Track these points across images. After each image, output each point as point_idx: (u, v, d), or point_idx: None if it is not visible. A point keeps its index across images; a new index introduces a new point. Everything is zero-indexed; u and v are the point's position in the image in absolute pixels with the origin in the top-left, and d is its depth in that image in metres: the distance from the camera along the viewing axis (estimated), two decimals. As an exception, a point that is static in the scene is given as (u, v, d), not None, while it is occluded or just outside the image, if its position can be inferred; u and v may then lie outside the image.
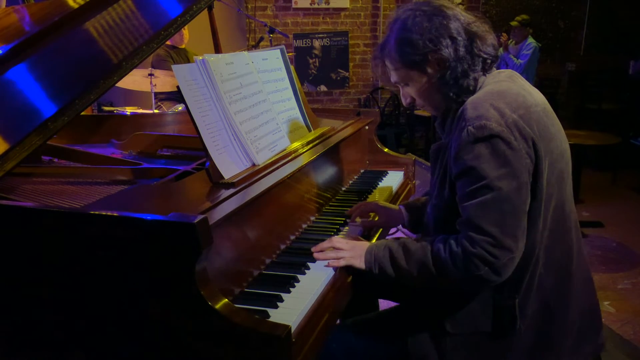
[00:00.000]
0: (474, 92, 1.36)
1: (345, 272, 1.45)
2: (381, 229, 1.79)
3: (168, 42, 4.53)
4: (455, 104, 1.38)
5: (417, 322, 1.44)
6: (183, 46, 4.73)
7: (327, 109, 2.79)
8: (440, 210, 1.42)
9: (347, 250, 1.45)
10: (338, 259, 1.44)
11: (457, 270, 1.27)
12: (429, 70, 1.37)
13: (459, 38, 1.33)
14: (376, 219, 1.76)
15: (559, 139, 1.36)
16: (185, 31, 4.64)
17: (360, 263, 1.43)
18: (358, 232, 1.68)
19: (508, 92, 1.32)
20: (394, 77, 1.44)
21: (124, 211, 1.09)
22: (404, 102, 1.49)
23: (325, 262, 1.44)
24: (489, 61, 1.38)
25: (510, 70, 1.46)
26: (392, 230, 1.90)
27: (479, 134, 1.24)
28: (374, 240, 1.65)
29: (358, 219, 1.75)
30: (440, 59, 1.34)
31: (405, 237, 1.49)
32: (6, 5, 2.57)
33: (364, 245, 1.46)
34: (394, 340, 1.46)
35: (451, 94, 1.37)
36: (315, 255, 1.46)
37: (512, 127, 1.24)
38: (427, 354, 1.40)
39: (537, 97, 1.37)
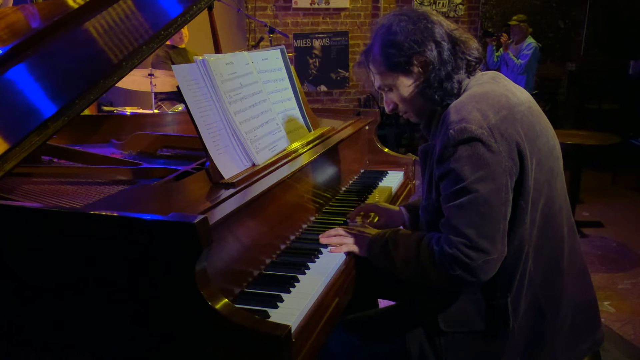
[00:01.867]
0: (457, 94, 1.38)
1: (348, 266, 1.46)
2: None
3: (168, 42, 4.53)
4: (440, 107, 1.40)
5: (414, 321, 1.45)
6: (183, 46, 4.73)
7: (327, 109, 2.80)
8: (429, 212, 1.43)
9: (351, 237, 1.52)
10: (342, 244, 1.51)
11: (436, 268, 1.30)
12: (413, 73, 1.39)
13: (443, 42, 1.36)
14: (376, 219, 1.77)
15: (546, 136, 1.36)
16: (185, 30, 4.64)
17: (361, 251, 1.49)
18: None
19: (491, 93, 1.33)
20: (377, 82, 1.46)
21: (124, 211, 1.09)
22: (387, 109, 1.51)
23: (325, 263, 1.44)
24: (472, 64, 1.40)
25: (493, 71, 1.47)
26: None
27: (460, 137, 1.25)
28: None
29: (359, 219, 1.76)
30: (425, 61, 1.36)
31: (404, 229, 1.51)
32: (14, 5, 2.57)
33: (369, 235, 1.50)
34: (393, 339, 1.46)
35: (436, 97, 1.38)
36: (322, 240, 1.53)
37: (494, 130, 1.26)
38: (424, 353, 1.40)
39: (521, 96, 1.38)
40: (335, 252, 1.50)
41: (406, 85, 1.41)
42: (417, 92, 1.41)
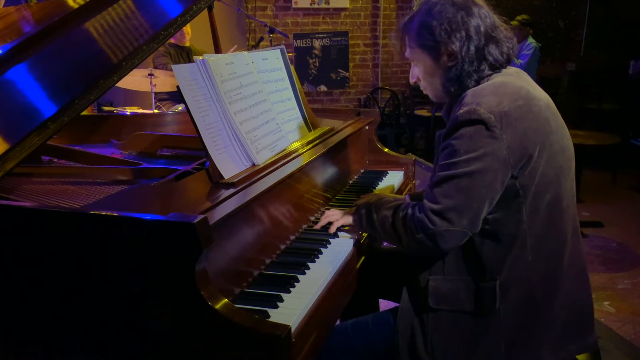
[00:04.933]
0: (474, 85, 1.41)
1: (349, 266, 1.46)
2: None
3: (172, 40, 4.52)
4: (453, 95, 1.44)
5: (405, 302, 1.47)
6: (187, 44, 4.72)
7: (327, 109, 2.79)
8: None
9: (339, 214, 1.67)
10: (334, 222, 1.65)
11: (404, 229, 1.38)
12: (439, 59, 1.43)
13: (475, 37, 1.38)
14: None
15: (559, 134, 1.38)
16: (188, 28, 4.62)
17: (349, 219, 1.63)
18: None
19: (512, 84, 1.37)
20: (408, 53, 1.50)
21: (124, 211, 1.09)
22: (411, 79, 1.56)
23: (326, 263, 1.45)
24: (497, 65, 1.41)
25: (518, 68, 1.49)
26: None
27: (466, 117, 1.30)
28: None
29: None
30: (451, 52, 1.39)
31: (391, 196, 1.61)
32: (5, 5, 2.57)
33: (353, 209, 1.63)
34: (387, 328, 1.47)
35: (452, 89, 1.42)
36: (316, 227, 1.67)
37: (503, 117, 1.28)
38: (414, 333, 1.42)
39: (541, 94, 1.41)
40: (320, 225, 1.66)
41: (430, 68, 1.45)
42: (437, 77, 1.45)
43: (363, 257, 1.62)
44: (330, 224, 1.65)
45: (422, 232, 1.32)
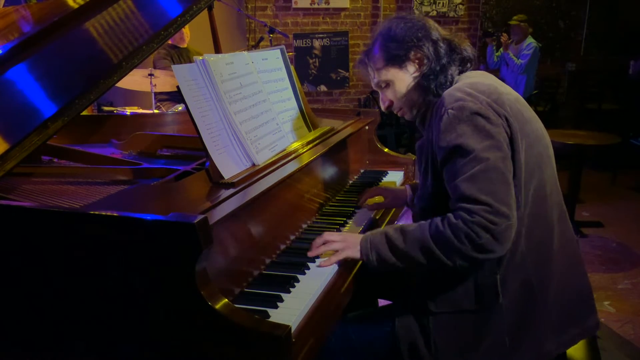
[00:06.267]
0: (449, 87, 1.46)
1: (348, 266, 1.46)
2: (393, 211, 1.92)
3: (169, 42, 4.52)
4: (434, 97, 1.47)
5: (404, 307, 1.47)
6: (185, 45, 4.73)
7: (327, 109, 2.80)
8: (424, 199, 1.49)
9: (340, 242, 1.44)
10: (333, 254, 1.43)
11: (459, 241, 1.26)
12: (410, 67, 1.49)
13: (439, 42, 1.47)
14: (382, 200, 1.88)
15: (534, 124, 1.43)
16: (187, 30, 4.63)
17: (355, 252, 1.42)
18: (368, 217, 1.79)
19: (480, 82, 1.42)
20: (375, 79, 1.55)
21: (124, 211, 1.09)
22: (383, 106, 1.59)
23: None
24: (466, 60, 1.48)
25: (482, 71, 1.54)
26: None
27: (459, 114, 1.32)
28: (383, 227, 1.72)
29: (369, 201, 1.88)
30: (421, 57, 1.47)
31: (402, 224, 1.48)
32: (5, 5, 2.57)
33: (357, 235, 1.45)
34: (385, 328, 1.48)
35: (432, 86, 1.46)
36: (310, 254, 1.45)
37: (488, 106, 1.33)
38: (414, 336, 1.42)
39: (509, 90, 1.46)
40: (327, 264, 1.42)
41: (402, 79, 1.50)
42: (413, 85, 1.49)
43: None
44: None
45: (486, 234, 1.24)
